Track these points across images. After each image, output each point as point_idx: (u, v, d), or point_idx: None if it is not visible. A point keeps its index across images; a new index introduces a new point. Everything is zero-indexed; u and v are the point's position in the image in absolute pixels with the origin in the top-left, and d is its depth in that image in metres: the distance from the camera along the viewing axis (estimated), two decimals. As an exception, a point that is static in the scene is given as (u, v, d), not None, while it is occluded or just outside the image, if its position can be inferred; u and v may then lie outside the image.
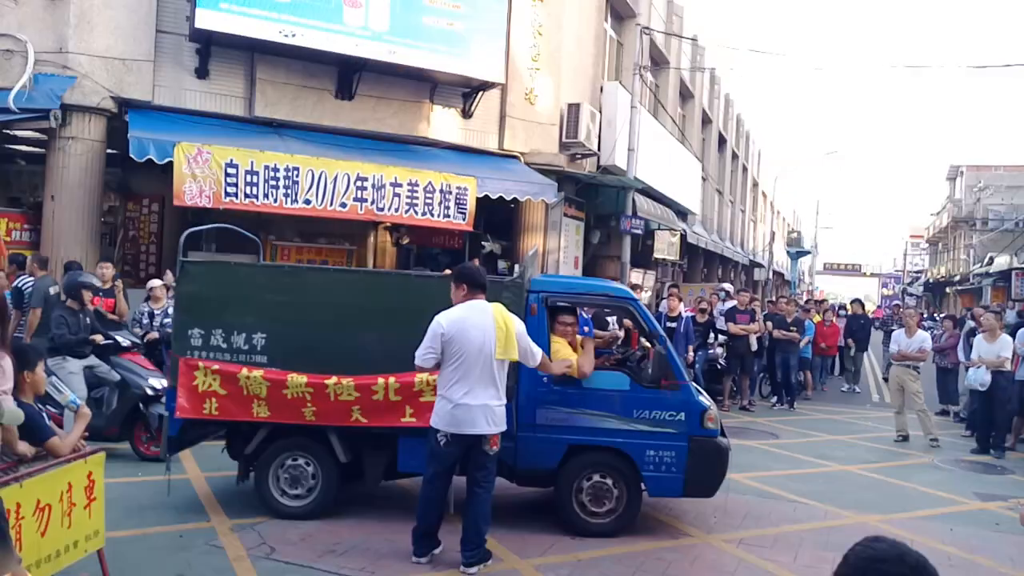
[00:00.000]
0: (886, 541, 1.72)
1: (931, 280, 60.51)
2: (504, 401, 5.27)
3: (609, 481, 6.06)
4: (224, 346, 6.00)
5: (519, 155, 13.30)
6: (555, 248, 14.45)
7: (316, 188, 10.36)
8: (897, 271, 74.48)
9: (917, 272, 69.85)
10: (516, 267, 7.91)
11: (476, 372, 5.08)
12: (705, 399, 6.35)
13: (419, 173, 11.19)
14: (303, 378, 5.82)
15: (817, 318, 16.43)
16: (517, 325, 5.27)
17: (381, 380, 5.82)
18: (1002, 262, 33.46)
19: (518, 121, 13.27)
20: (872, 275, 73.21)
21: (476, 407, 5.08)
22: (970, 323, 13.56)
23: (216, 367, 5.92)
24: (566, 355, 6.11)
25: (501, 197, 11.97)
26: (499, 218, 13.81)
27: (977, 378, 10.30)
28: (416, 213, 11.14)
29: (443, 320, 5.13)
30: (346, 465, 6.16)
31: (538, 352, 5.44)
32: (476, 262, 13.21)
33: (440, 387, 5.19)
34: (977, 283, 39.26)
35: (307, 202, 10.34)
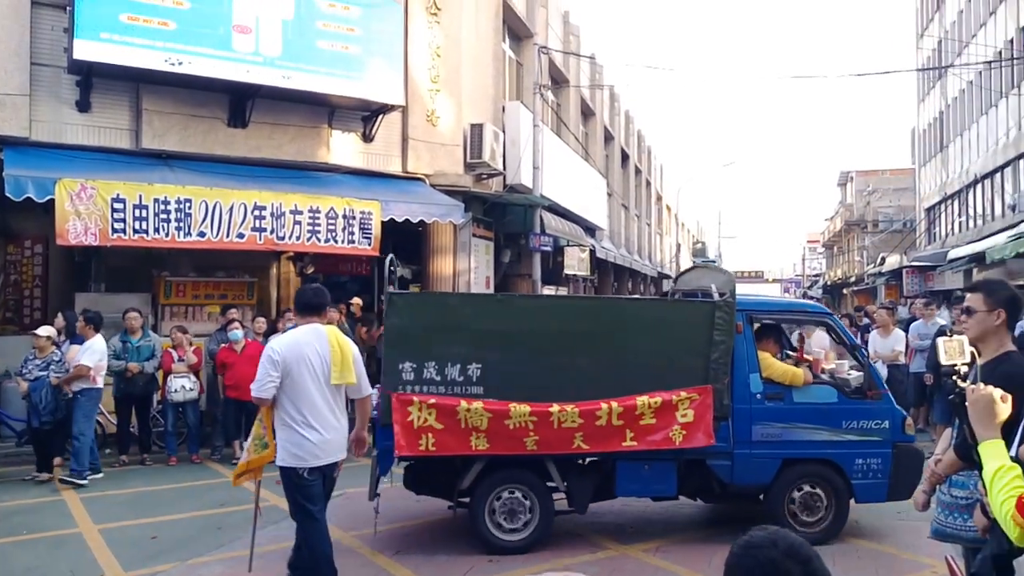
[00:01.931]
0: (766, 529, 1.72)
1: (829, 282, 63.11)
2: (345, 424, 4.99)
3: (819, 491, 6.22)
4: (438, 379, 5.85)
5: (424, 177, 13.20)
6: (466, 269, 14.38)
7: (210, 219, 10.00)
8: (797, 275, 77.49)
9: (816, 275, 72.76)
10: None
11: (319, 398, 4.79)
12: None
13: (320, 199, 10.96)
14: (526, 407, 5.73)
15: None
16: (353, 350, 5.03)
17: (604, 405, 5.81)
18: (893, 261, 35.16)
19: (421, 143, 13.18)
20: (774, 280, 75.88)
21: (326, 434, 4.80)
22: (865, 320, 14.11)
23: (432, 401, 5.75)
24: (776, 368, 6.27)
25: (408, 220, 11.83)
26: (407, 242, 13.64)
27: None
28: (319, 240, 10.88)
29: (277, 346, 4.85)
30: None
31: (368, 386, 5.18)
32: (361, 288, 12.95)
33: (283, 418, 4.79)
34: (872, 283, 41.12)
35: (201, 234, 9.97)
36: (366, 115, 12.36)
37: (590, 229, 21.89)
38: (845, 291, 52.72)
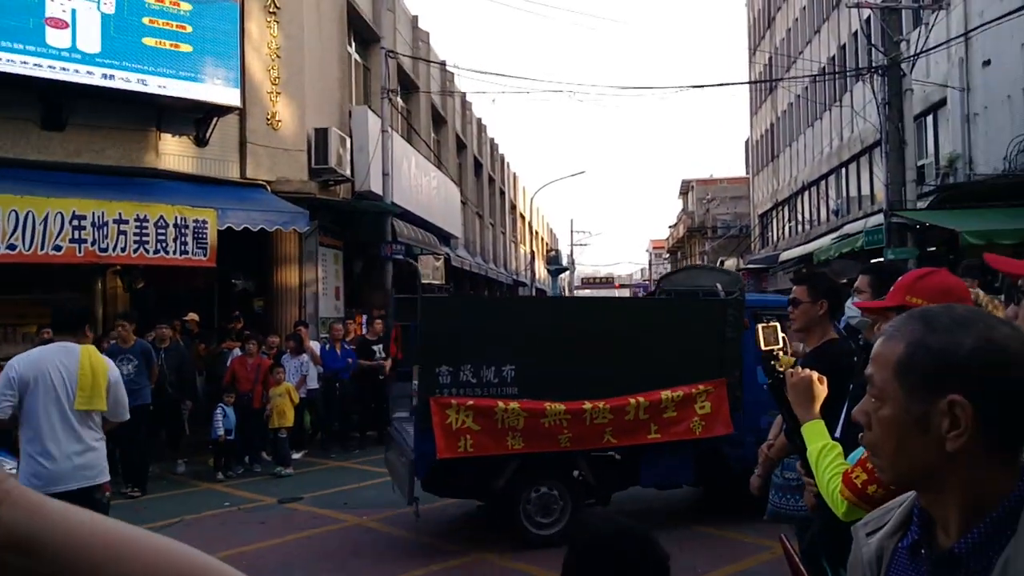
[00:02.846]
0: (605, 519, 1.80)
1: (676, 286, 65.96)
2: (97, 448, 4.57)
3: None
4: (474, 381, 5.89)
5: (265, 184, 12.60)
6: (314, 279, 13.87)
7: (21, 231, 9.08)
8: (645, 280, 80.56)
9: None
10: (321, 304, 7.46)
11: (58, 422, 4.40)
12: None
13: (148, 207, 10.20)
14: (561, 406, 5.89)
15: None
16: (112, 373, 4.65)
17: (632, 400, 6.02)
18: (731, 264, 37.15)
19: (261, 148, 12.59)
20: (622, 286, 78.65)
21: (65, 460, 4.41)
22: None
23: (470, 403, 5.77)
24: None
25: (247, 229, 11.23)
26: (249, 252, 13.00)
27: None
28: (147, 251, 10.12)
29: (16, 363, 4.47)
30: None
31: (126, 413, 4.81)
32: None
33: (22, 441, 4.46)
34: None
35: (11, 247, 9.02)
36: (199, 117, 11.65)
37: (445, 237, 21.77)
38: (690, 294, 55.31)
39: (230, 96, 11.37)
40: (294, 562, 6.14)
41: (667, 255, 75.30)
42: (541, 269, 46.66)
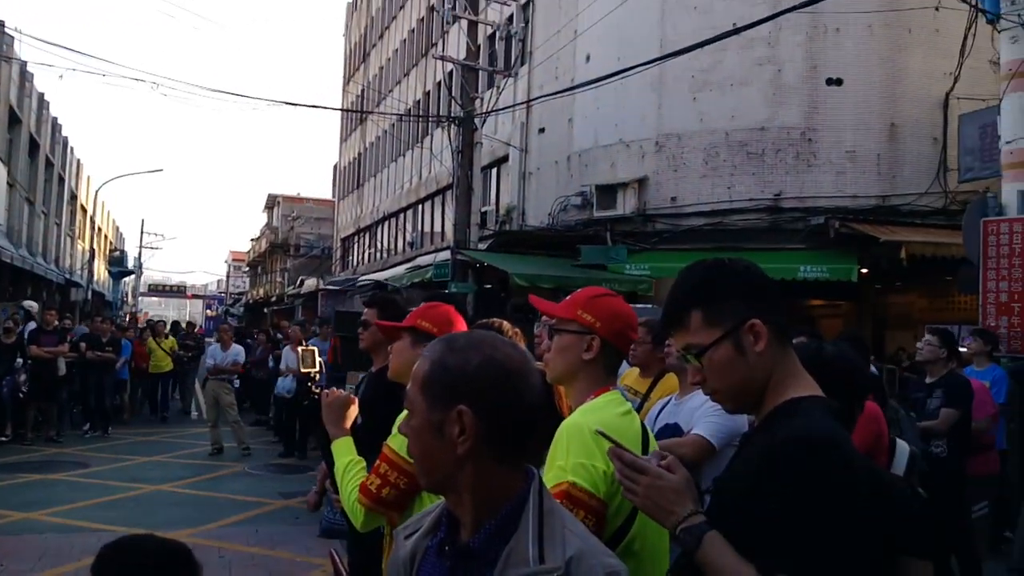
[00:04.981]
0: (124, 539, 1.77)
1: (251, 300, 64.30)
2: None
3: None
4: None
5: None
6: None
7: None
8: (221, 292, 77.27)
9: (239, 293, 73.45)
10: None
11: None
12: None
13: None
14: None
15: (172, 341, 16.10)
16: None
17: None
18: (311, 284, 37.53)
19: None
20: (196, 296, 74.49)
21: None
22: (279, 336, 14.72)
23: None
24: None
25: None
26: None
27: (284, 386, 11.22)
28: None
29: None
30: None
31: None
32: None
33: None
34: (291, 303, 43.17)
35: None
36: None
37: (-21, 222, 18.57)
38: (266, 310, 54.35)
39: None
40: None
41: (247, 268, 73.17)
42: (102, 270, 42.18)
